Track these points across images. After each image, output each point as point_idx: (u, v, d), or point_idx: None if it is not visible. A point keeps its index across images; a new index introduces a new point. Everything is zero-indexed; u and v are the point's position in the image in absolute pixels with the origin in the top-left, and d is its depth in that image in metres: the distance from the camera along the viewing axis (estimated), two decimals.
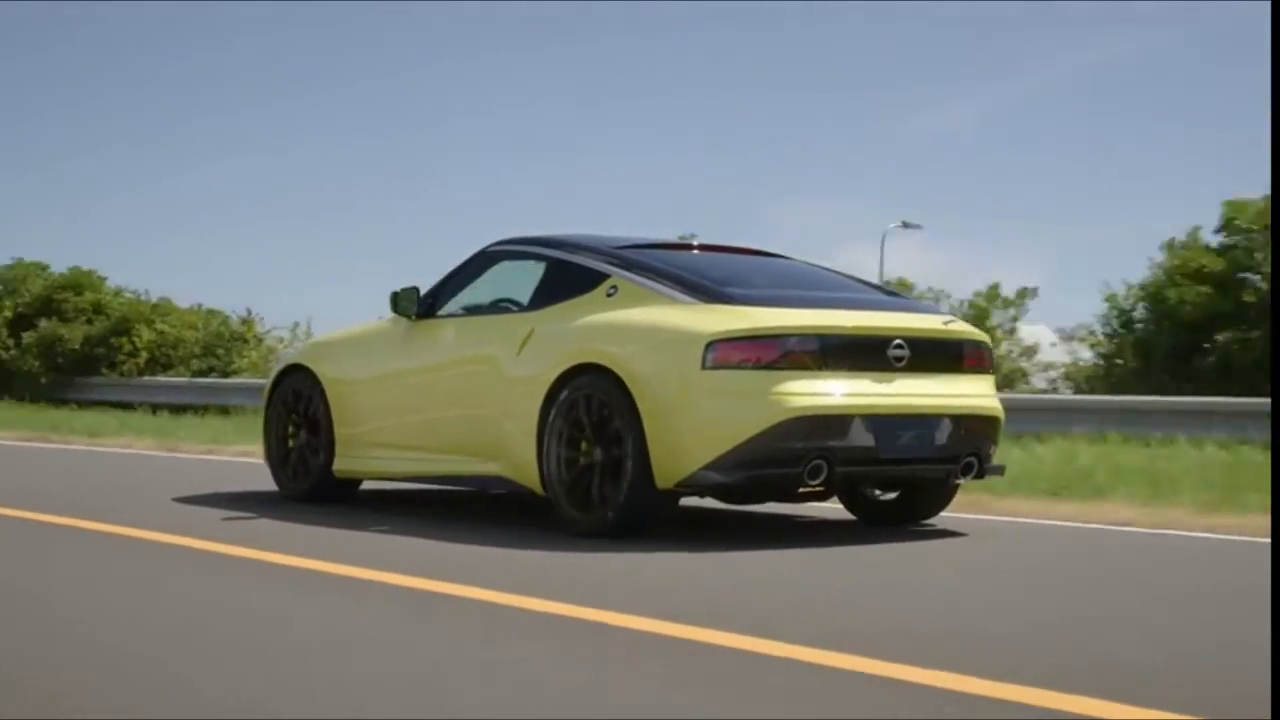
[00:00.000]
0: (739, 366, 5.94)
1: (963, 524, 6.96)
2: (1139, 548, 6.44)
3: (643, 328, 6.23)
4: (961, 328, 6.73)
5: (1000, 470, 6.74)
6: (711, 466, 5.93)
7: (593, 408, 6.22)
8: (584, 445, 6.26)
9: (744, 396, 5.90)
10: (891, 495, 6.95)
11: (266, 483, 8.18)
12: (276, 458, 7.95)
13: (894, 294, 6.93)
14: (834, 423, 5.99)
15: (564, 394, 6.32)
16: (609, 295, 6.53)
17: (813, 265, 7.30)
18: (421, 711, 3.14)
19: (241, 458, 11.77)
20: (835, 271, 7.18)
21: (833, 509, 7.37)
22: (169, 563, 5.51)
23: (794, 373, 5.96)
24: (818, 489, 6.29)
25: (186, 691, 3.31)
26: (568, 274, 6.78)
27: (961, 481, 6.62)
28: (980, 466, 6.47)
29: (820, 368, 6.02)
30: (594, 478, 6.21)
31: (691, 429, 5.95)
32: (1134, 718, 3.11)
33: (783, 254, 7.44)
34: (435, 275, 7.50)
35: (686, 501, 6.62)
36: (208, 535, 6.10)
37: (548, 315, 6.68)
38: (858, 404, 6.04)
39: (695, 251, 7.15)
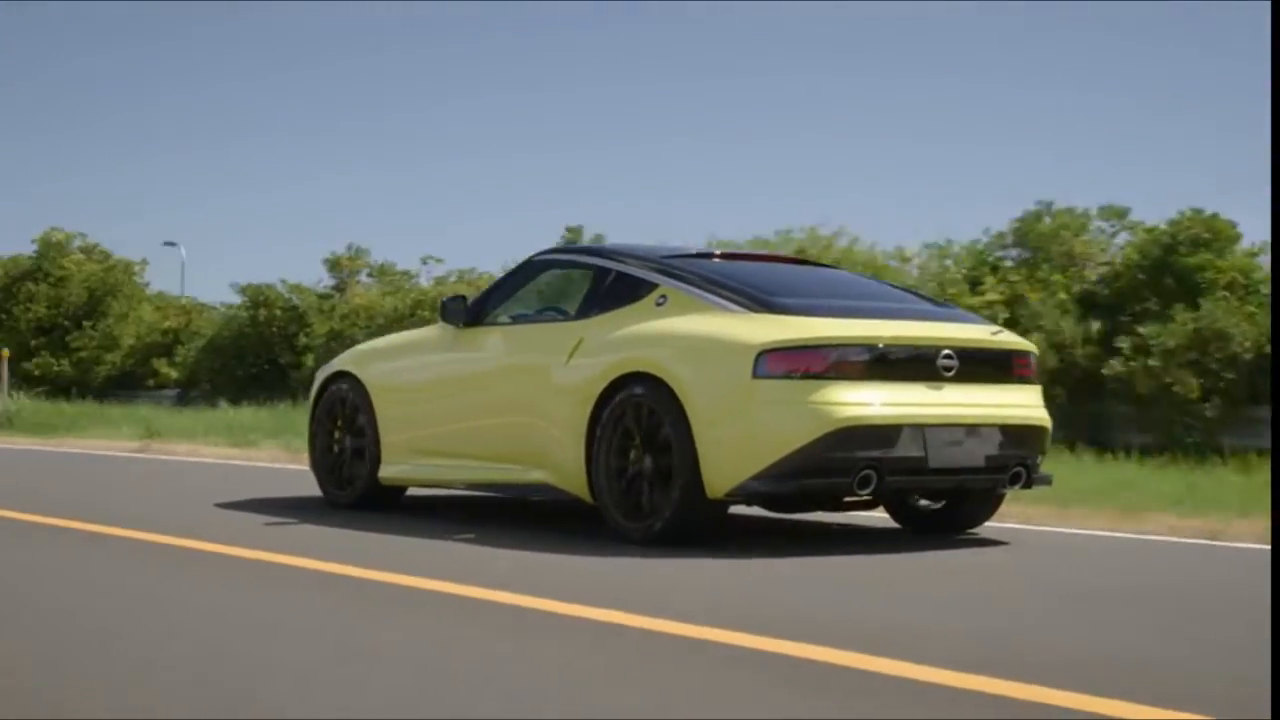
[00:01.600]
0: (789, 376, 5.96)
1: (1008, 533, 6.96)
2: (1176, 556, 6.44)
3: (693, 337, 6.26)
4: (1009, 338, 6.74)
5: (1048, 480, 6.74)
6: (761, 476, 5.95)
7: (642, 416, 6.25)
8: (633, 454, 6.29)
9: (794, 406, 5.92)
10: (938, 504, 6.97)
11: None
12: (322, 465, 8.00)
13: (942, 305, 6.94)
14: (883, 433, 6.01)
15: (613, 402, 6.35)
16: (658, 304, 6.56)
17: (861, 275, 7.33)
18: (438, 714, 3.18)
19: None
20: (883, 282, 7.21)
21: (879, 518, 7.38)
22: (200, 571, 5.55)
23: (844, 383, 5.98)
24: (865, 499, 6.32)
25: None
26: (617, 283, 6.81)
27: (1008, 491, 6.64)
28: (1028, 476, 6.48)
29: (870, 378, 6.05)
30: (643, 486, 6.24)
31: (741, 438, 5.97)
32: (1144, 717, 3.17)
33: (829, 264, 7.47)
34: None
35: (733, 509, 6.64)
36: (253, 544, 6.15)
37: (597, 324, 6.71)
38: (907, 414, 6.07)
39: (743, 261, 7.18)
